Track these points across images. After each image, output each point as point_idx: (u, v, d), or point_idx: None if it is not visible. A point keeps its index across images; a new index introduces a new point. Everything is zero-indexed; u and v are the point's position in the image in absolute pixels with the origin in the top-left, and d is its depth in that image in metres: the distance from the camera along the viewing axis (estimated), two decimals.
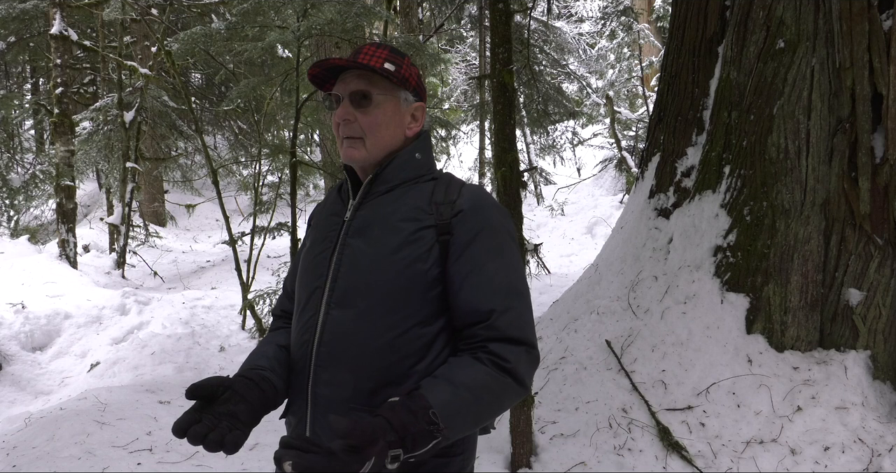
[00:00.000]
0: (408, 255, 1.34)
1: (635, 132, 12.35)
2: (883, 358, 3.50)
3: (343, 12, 5.21)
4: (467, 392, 1.24)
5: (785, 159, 3.61)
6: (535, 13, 9.33)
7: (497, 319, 1.31)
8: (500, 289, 1.33)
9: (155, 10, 9.25)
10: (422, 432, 1.16)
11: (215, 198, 7.19)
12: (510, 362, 1.28)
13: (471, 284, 1.33)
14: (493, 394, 1.27)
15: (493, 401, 1.28)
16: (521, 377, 1.30)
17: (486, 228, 1.36)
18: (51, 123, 9.13)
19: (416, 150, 1.45)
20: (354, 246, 1.39)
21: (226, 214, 6.80)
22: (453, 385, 1.24)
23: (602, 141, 14.02)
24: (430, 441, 1.17)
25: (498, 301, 1.32)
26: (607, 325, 4.04)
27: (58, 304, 6.82)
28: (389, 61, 1.41)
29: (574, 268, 8.82)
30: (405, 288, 1.34)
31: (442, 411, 1.19)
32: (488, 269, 1.34)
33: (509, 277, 1.36)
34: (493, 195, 6.44)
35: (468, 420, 1.25)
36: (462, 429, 1.24)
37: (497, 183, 3.33)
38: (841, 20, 3.53)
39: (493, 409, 1.30)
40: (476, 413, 1.26)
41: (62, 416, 4.04)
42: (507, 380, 1.28)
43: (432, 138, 9.92)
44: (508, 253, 1.38)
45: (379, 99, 1.41)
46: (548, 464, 3.32)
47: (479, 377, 1.26)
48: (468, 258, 1.34)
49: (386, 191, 1.42)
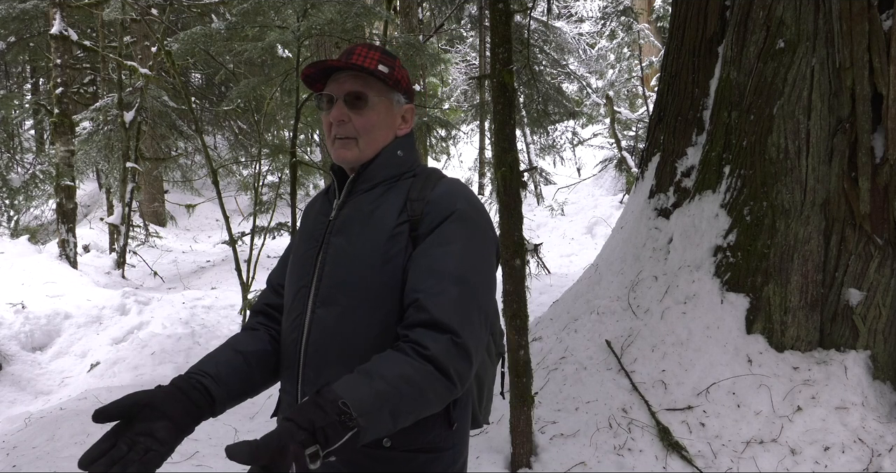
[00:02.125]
0: (387, 251, 1.35)
1: (635, 132, 12.36)
2: (883, 358, 3.50)
3: (343, 12, 5.21)
4: (382, 381, 1.16)
5: (785, 159, 3.61)
6: (535, 13, 9.33)
7: (425, 300, 1.26)
8: (438, 271, 1.29)
9: (155, 10, 9.25)
10: (332, 423, 1.09)
11: (215, 198, 7.19)
12: (429, 349, 1.21)
13: (415, 266, 1.32)
14: (413, 383, 1.19)
15: (413, 392, 1.19)
16: (443, 365, 1.21)
17: (448, 218, 1.35)
18: (51, 123, 9.13)
19: (398, 148, 1.46)
20: (337, 244, 1.40)
21: (226, 214, 6.79)
22: (368, 376, 1.18)
23: (602, 141, 14.03)
24: (345, 433, 1.09)
25: (432, 283, 1.28)
26: (607, 325, 4.04)
27: (58, 304, 6.82)
28: (383, 63, 1.42)
29: (574, 268, 8.82)
30: (386, 285, 1.34)
31: (353, 401, 1.12)
32: (433, 253, 1.32)
33: (458, 264, 1.31)
34: (494, 195, 6.41)
35: (385, 409, 1.16)
36: (379, 420, 1.15)
37: (497, 183, 3.33)
38: (841, 20, 3.53)
39: (416, 400, 1.20)
40: (394, 404, 1.17)
41: (62, 416, 4.04)
42: (429, 368, 1.21)
43: (432, 138, 9.93)
44: (468, 242, 1.34)
45: (374, 100, 1.42)
46: (548, 464, 3.31)
47: (397, 366, 1.20)
48: (424, 245, 1.33)
49: (368, 190, 1.43)
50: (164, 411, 1.20)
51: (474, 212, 1.39)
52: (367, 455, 1.34)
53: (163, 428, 1.17)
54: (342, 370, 1.33)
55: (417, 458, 1.36)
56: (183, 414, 1.23)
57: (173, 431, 1.19)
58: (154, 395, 1.22)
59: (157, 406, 1.20)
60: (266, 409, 4.10)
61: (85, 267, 8.97)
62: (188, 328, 6.51)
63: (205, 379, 1.32)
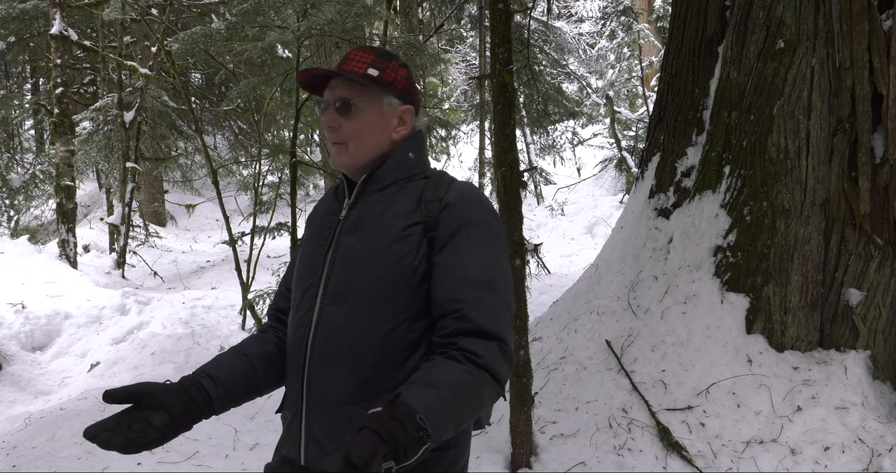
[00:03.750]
0: (398, 251, 1.37)
1: (635, 132, 12.35)
2: (883, 358, 3.50)
3: (343, 12, 5.21)
4: (447, 391, 1.20)
5: (785, 159, 3.61)
6: (535, 13, 9.33)
7: (469, 310, 1.30)
8: (474, 281, 1.33)
9: (155, 10, 9.25)
10: (412, 440, 1.09)
11: (215, 198, 7.19)
12: (482, 357, 1.26)
13: (447, 275, 1.34)
14: (472, 391, 1.24)
15: (473, 398, 1.24)
16: (496, 372, 1.27)
17: (468, 222, 1.37)
18: (51, 123, 9.13)
19: (409, 150, 1.49)
20: (347, 243, 1.42)
21: (226, 214, 6.79)
22: (433, 386, 1.20)
23: (602, 141, 14.01)
24: (420, 448, 1.11)
25: (470, 292, 1.31)
26: (607, 325, 4.04)
27: (58, 304, 6.82)
28: (374, 66, 1.43)
29: (574, 268, 8.82)
30: (396, 284, 1.36)
31: (427, 415, 1.13)
32: (465, 261, 1.35)
33: (486, 270, 1.35)
34: (493, 195, 6.43)
35: (452, 420, 1.20)
36: (446, 431, 1.20)
37: (497, 183, 3.33)
38: (841, 20, 3.53)
39: (473, 407, 1.26)
40: (458, 412, 1.22)
41: (62, 416, 4.04)
42: (484, 375, 1.26)
43: (432, 138, 9.93)
44: (488, 247, 1.38)
45: (361, 105, 1.44)
46: (548, 464, 3.31)
47: (456, 375, 1.24)
48: (448, 251, 1.36)
49: (379, 190, 1.45)
50: (164, 403, 1.29)
51: (491, 215, 1.43)
52: None
53: (159, 418, 1.27)
54: (347, 367, 1.37)
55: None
56: (182, 410, 1.31)
57: (169, 423, 1.28)
58: (160, 388, 1.32)
59: (160, 398, 1.29)
60: (266, 409, 4.10)
61: (85, 267, 8.96)
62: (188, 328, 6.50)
63: (204, 379, 1.40)
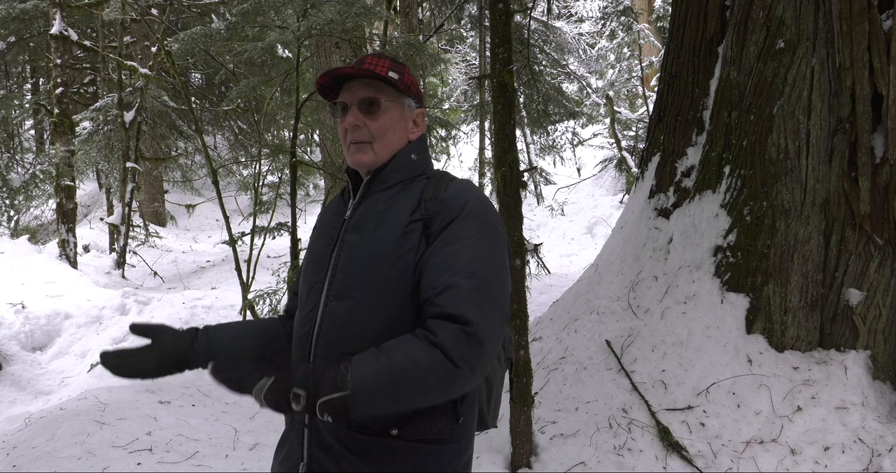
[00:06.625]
0: (399, 248, 1.41)
1: (635, 132, 12.35)
2: (883, 358, 3.50)
3: (343, 12, 5.20)
4: (387, 357, 1.26)
5: (785, 159, 3.61)
6: (535, 13, 9.33)
7: (438, 296, 1.32)
8: (453, 269, 1.34)
9: (155, 10, 9.25)
10: (327, 378, 1.23)
11: (215, 198, 7.19)
12: (437, 335, 1.27)
13: (431, 265, 1.37)
14: (418, 364, 1.26)
15: (418, 371, 1.26)
16: (450, 353, 1.26)
17: (459, 216, 1.40)
18: (51, 123, 9.13)
19: (412, 151, 1.54)
20: (351, 240, 1.47)
21: (226, 214, 6.79)
22: (379, 351, 1.28)
23: (602, 141, 14.02)
24: (333, 390, 1.22)
25: (447, 278, 1.33)
26: (607, 325, 4.04)
27: (58, 304, 6.81)
28: (393, 70, 1.50)
29: (574, 268, 8.82)
30: (397, 280, 1.40)
31: (357, 367, 1.24)
32: (447, 250, 1.37)
33: (470, 260, 1.36)
34: (494, 195, 6.42)
35: (383, 382, 1.24)
36: (377, 392, 1.24)
37: (497, 183, 3.33)
38: (841, 20, 3.53)
39: (418, 381, 1.26)
40: (396, 378, 1.25)
41: (62, 416, 4.04)
42: (436, 354, 1.26)
43: (432, 138, 9.93)
44: (476, 237, 1.39)
45: (386, 105, 1.50)
46: (548, 464, 3.32)
47: (406, 347, 1.28)
48: (437, 243, 1.39)
49: (383, 190, 1.50)
50: (161, 346, 1.50)
51: (484, 209, 1.45)
52: (374, 443, 1.39)
53: (151, 358, 1.48)
54: None
55: (423, 448, 1.40)
56: (174, 354, 1.50)
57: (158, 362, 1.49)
58: (169, 331, 1.53)
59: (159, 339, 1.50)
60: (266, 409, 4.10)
61: (85, 267, 8.97)
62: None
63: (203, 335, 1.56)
